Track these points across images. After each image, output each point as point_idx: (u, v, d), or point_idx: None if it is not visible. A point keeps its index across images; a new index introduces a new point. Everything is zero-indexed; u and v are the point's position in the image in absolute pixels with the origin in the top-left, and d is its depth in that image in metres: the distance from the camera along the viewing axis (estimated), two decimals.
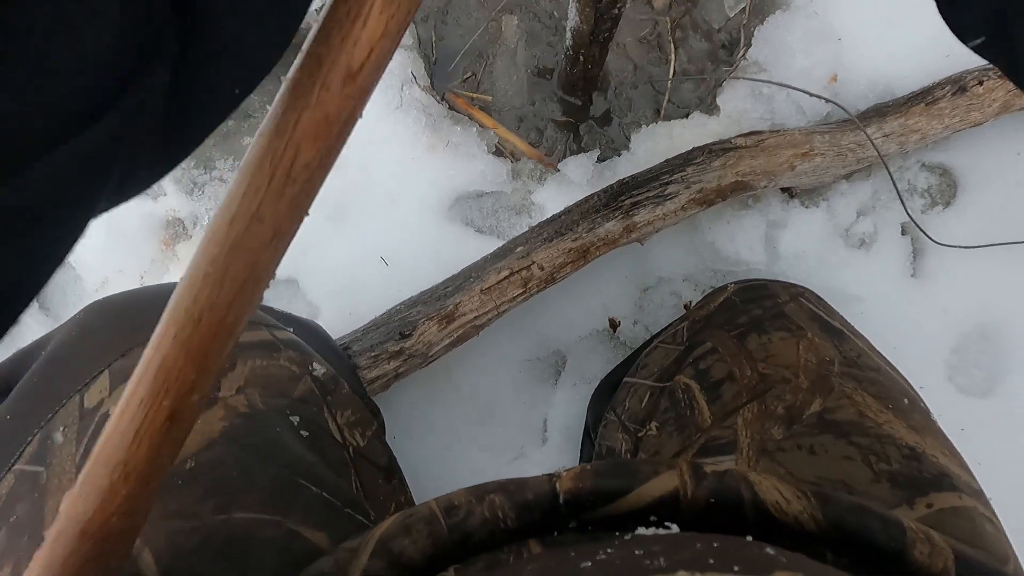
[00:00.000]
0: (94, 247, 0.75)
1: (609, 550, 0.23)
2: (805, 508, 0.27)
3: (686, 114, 0.78)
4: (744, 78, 0.75)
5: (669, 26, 0.81)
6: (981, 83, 0.67)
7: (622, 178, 0.64)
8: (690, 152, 0.64)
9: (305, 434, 0.44)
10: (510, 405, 0.69)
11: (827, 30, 0.75)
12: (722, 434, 0.44)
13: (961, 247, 0.71)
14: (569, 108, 0.80)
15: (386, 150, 0.74)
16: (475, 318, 0.58)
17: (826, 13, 0.75)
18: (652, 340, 0.63)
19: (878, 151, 0.68)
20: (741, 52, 0.78)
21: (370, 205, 0.73)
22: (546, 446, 0.69)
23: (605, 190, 0.63)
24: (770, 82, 0.74)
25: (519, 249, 0.60)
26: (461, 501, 0.28)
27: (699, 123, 0.75)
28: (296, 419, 0.44)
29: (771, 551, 0.22)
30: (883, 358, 0.52)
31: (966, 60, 0.71)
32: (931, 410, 0.46)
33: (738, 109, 0.75)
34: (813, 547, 0.27)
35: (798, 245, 0.71)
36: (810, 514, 0.27)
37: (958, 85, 0.68)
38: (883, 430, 0.40)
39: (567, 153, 0.79)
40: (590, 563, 0.22)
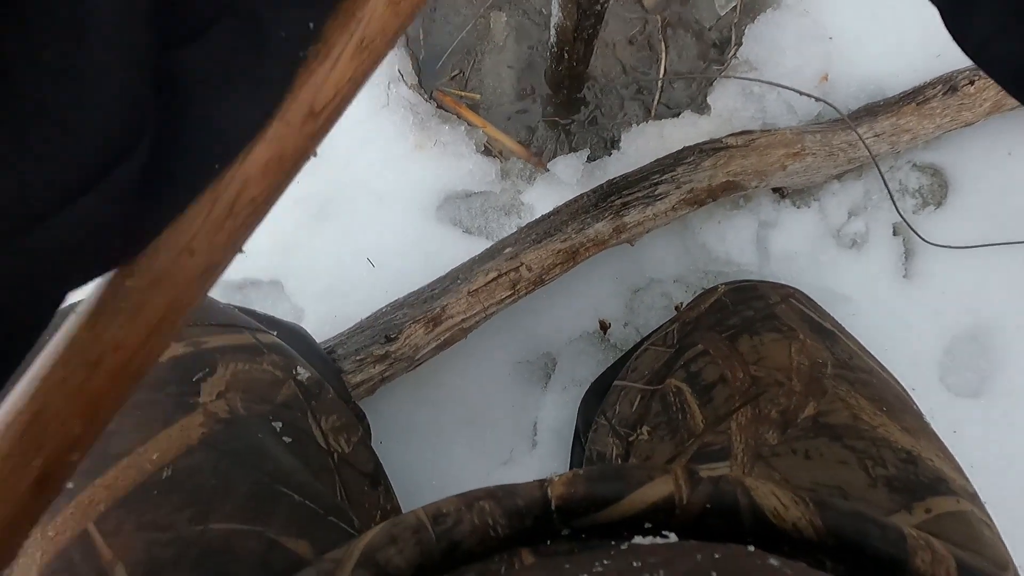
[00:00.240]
0: None
1: (606, 561, 0.22)
2: (803, 514, 0.26)
3: (677, 113, 0.77)
4: (735, 77, 0.75)
5: (660, 25, 0.80)
6: (972, 83, 0.67)
7: (612, 178, 0.63)
8: (680, 152, 0.64)
9: (288, 440, 0.43)
10: (499, 408, 0.68)
11: (818, 29, 0.75)
12: (716, 439, 0.44)
13: (952, 247, 0.71)
14: (559, 107, 0.79)
15: (373, 149, 0.73)
16: (462, 321, 0.57)
17: (817, 12, 0.75)
18: (643, 342, 0.62)
19: (869, 151, 0.67)
20: (732, 51, 0.78)
21: (356, 205, 0.72)
22: (536, 450, 0.68)
23: (595, 190, 0.62)
24: (761, 81, 0.74)
25: (507, 250, 0.59)
26: (450, 509, 0.27)
27: (690, 122, 0.74)
28: (279, 425, 0.43)
29: (774, 562, 0.22)
30: (874, 359, 0.51)
31: (956, 60, 0.71)
32: (923, 412, 0.46)
33: (729, 108, 0.74)
34: (812, 555, 0.26)
35: (789, 245, 0.71)
36: (808, 520, 0.26)
37: (949, 85, 0.68)
38: (878, 433, 0.40)
39: (557, 152, 0.78)
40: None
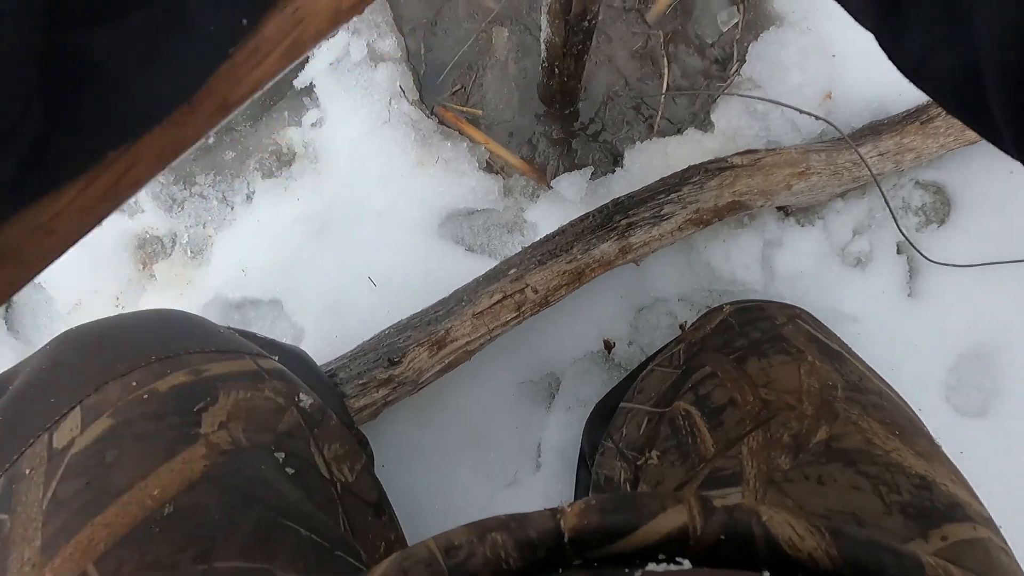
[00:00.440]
0: (66, 266, 0.71)
1: None
2: (819, 544, 0.26)
3: (680, 130, 0.77)
4: (738, 94, 0.75)
5: (662, 40, 0.80)
6: None
7: (617, 198, 0.62)
8: (686, 171, 0.63)
9: (291, 471, 0.42)
10: (503, 430, 0.67)
11: (821, 46, 0.75)
12: (727, 464, 0.43)
13: (956, 266, 0.71)
14: (561, 123, 0.79)
15: (374, 166, 0.72)
16: (467, 343, 0.56)
17: (820, 29, 0.75)
18: (648, 363, 0.62)
19: (871, 171, 0.67)
20: (735, 68, 0.77)
21: (357, 223, 0.71)
22: (540, 472, 0.67)
23: (600, 210, 0.61)
24: (764, 99, 0.73)
25: (512, 271, 0.58)
26: (461, 540, 0.26)
27: (693, 139, 0.74)
28: (281, 455, 0.42)
29: None
30: (883, 380, 0.51)
31: None
32: (931, 433, 0.45)
33: (732, 126, 0.74)
34: None
35: (794, 264, 0.71)
36: (824, 551, 0.26)
37: None
38: (891, 458, 0.40)
39: (560, 169, 0.77)
40: None
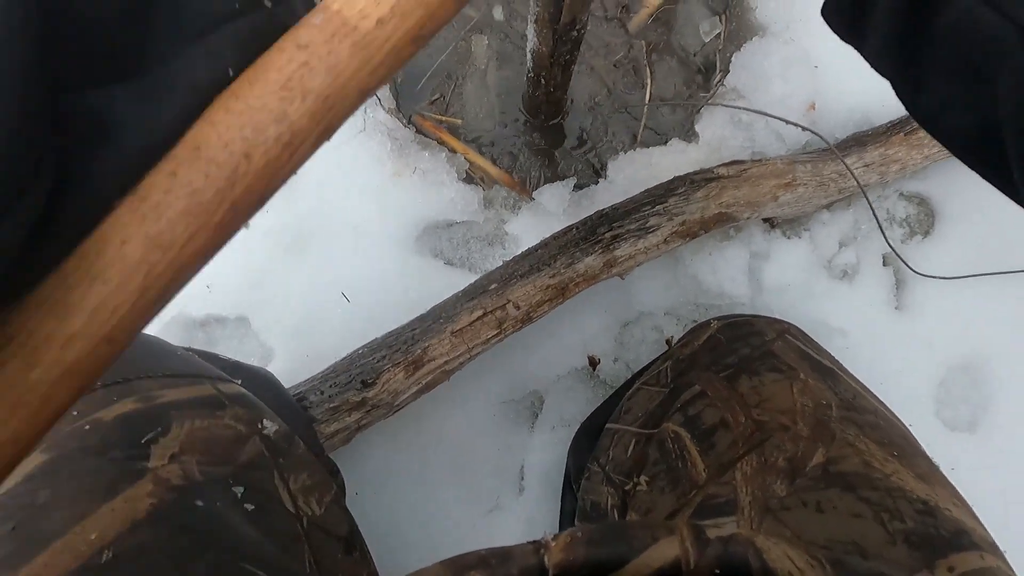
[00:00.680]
0: None
1: None
2: None
3: (664, 140, 0.75)
4: (722, 105, 0.73)
5: (644, 50, 0.78)
6: None
7: (601, 209, 0.60)
8: (671, 182, 0.61)
9: (250, 507, 0.39)
10: (484, 452, 0.64)
11: (804, 57, 0.74)
12: (720, 491, 0.41)
13: (942, 278, 0.70)
14: (543, 132, 0.77)
15: (349, 177, 0.69)
16: (445, 363, 0.53)
17: (802, 40, 0.74)
18: (634, 380, 0.59)
19: (858, 182, 0.66)
20: (718, 78, 0.76)
21: (330, 236, 0.68)
22: (523, 495, 0.64)
23: (584, 222, 0.59)
24: (748, 109, 0.72)
25: (493, 286, 0.55)
26: None
27: (678, 150, 0.73)
28: (240, 490, 0.39)
29: None
30: (876, 397, 0.49)
31: None
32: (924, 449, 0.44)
33: (717, 136, 0.73)
34: None
35: (781, 277, 0.69)
36: None
37: None
38: (892, 482, 0.38)
39: (542, 180, 0.75)
40: None
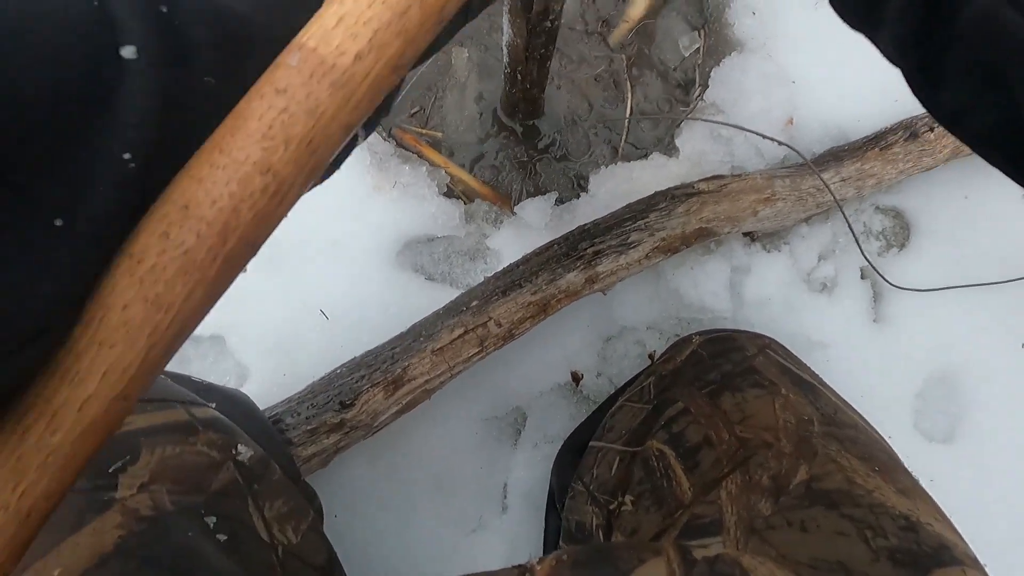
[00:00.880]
0: None
1: None
2: None
3: (645, 154, 0.75)
4: (702, 119, 0.74)
5: (625, 64, 0.79)
6: (932, 129, 0.68)
7: (583, 225, 0.60)
8: (652, 197, 0.62)
9: (223, 537, 0.38)
10: (466, 470, 0.63)
11: (781, 73, 0.75)
12: (706, 511, 0.41)
13: (917, 290, 0.71)
14: (525, 145, 0.76)
15: (327, 191, 0.67)
16: (426, 382, 0.53)
17: (780, 56, 0.75)
18: (617, 396, 0.59)
19: (835, 197, 0.67)
20: (698, 93, 0.77)
21: (309, 252, 0.66)
22: (507, 514, 0.63)
23: (565, 237, 0.59)
24: (728, 124, 0.73)
25: (474, 304, 0.54)
26: None
27: (659, 164, 0.73)
28: (212, 520, 0.38)
29: None
30: (856, 411, 0.50)
31: (914, 105, 0.72)
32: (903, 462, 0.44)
33: (697, 151, 0.73)
34: None
35: (762, 291, 0.69)
36: None
37: (910, 131, 0.68)
38: (874, 498, 0.38)
39: (524, 193, 0.75)
40: None
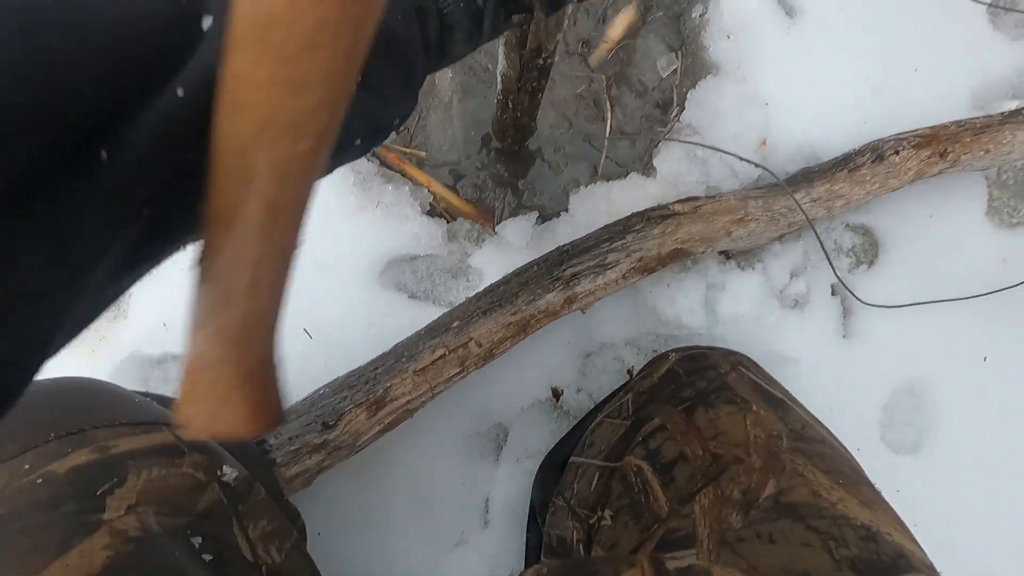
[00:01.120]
0: None
1: None
2: None
3: (624, 173, 0.77)
4: (679, 140, 0.76)
5: (605, 84, 0.81)
6: (897, 152, 0.71)
7: (561, 246, 0.61)
8: (628, 218, 0.63)
9: (208, 557, 0.38)
10: (448, 486, 0.64)
11: (755, 95, 0.77)
12: (680, 524, 0.43)
13: (885, 307, 0.74)
14: (507, 164, 0.78)
15: (310, 210, 0.69)
16: (408, 402, 0.54)
17: (753, 78, 0.78)
18: (596, 412, 0.61)
19: (807, 216, 0.69)
20: (675, 113, 0.79)
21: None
22: (489, 529, 0.64)
23: (544, 258, 0.60)
24: (703, 145, 0.75)
25: (455, 324, 0.56)
26: None
27: (637, 184, 0.75)
28: (198, 540, 0.39)
29: None
30: (823, 426, 0.52)
31: (880, 127, 0.75)
32: (869, 472, 0.46)
33: (674, 171, 0.75)
34: None
35: (736, 308, 0.72)
36: None
37: (876, 153, 0.71)
38: (838, 510, 0.40)
39: (505, 211, 0.76)
40: None
